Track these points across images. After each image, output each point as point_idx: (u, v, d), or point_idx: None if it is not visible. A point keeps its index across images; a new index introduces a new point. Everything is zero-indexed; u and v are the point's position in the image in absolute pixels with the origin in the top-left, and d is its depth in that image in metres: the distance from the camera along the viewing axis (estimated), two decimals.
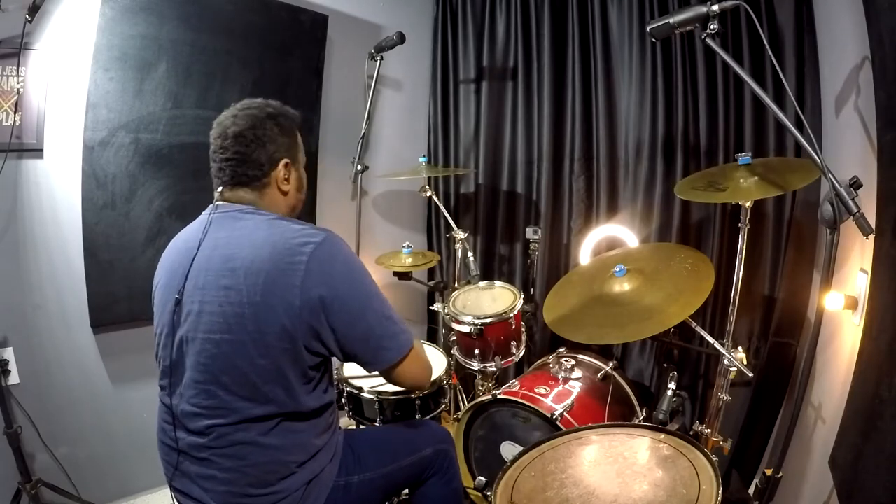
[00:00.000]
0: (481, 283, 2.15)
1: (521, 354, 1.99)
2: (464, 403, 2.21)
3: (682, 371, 2.12)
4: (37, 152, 1.72)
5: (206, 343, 1.03)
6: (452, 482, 1.37)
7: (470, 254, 2.10)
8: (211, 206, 1.13)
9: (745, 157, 1.47)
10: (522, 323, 2.02)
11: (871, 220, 1.08)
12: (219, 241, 1.06)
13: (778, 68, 1.22)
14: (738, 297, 1.54)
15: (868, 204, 1.15)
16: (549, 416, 1.55)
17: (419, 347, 1.19)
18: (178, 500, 1.12)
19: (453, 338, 2.00)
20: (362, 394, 1.70)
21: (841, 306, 1.29)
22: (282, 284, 1.00)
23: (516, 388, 1.70)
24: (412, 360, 1.14)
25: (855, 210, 0.95)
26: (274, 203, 1.15)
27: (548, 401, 1.64)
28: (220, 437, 1.04)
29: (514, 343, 1.95)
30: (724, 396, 1.56)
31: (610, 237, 2.18)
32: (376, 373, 1.15)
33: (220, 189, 1.13)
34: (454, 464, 1.39)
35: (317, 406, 1.10)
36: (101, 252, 1.81)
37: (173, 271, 1.10)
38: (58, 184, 1.77)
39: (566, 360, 1.83)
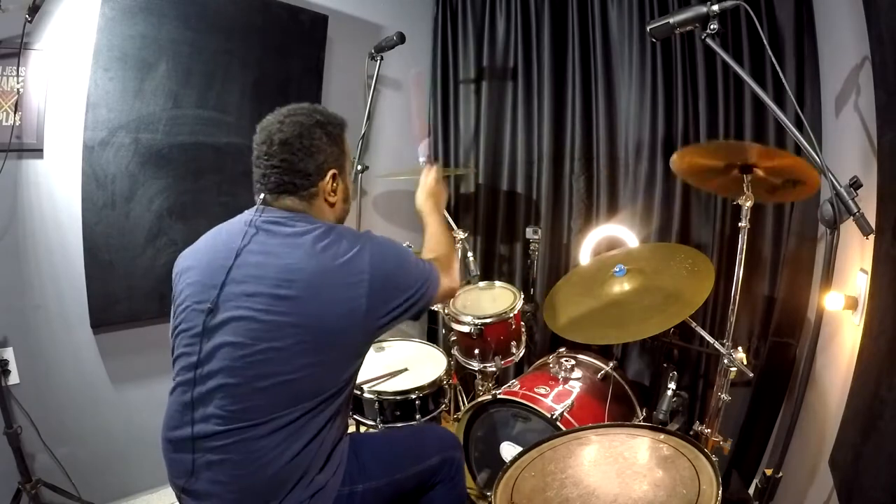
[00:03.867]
0: (481, 283, 2.15)
1: (521, 354, 1.99)
2: (464, 403, 2.21)
3: (682, 371, 2.12)
4: (37, 152, 1.72)
5: (245, 348, 1.00)
6: (457, 489, 1.36)
7: (470, 254, 2.09)
8: (254, 209, 1.10)
9: None
10: (522, 323, 2.02)
11: (871, 220, 1.07)
12: (270, 248, 1.04)
13: (778, 68, 1.22)
14: (738, 297, 1.53)
15: (868, 204, 1.15)
16: (549, 416, 1.55)
17: (447, 257, 1.30)
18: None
19: (453, 338, 2.00)
20: (363, 394, 1.69)
21: (841, 306, 1.29)
22: (345, 297, 1.02)
23: (516, 388, 1.70)
24: (444, 279, 1.22)
25: (855, 210, 0.95)
26: (321, 214, 1.13)
27: (548, 401, 1.64)
28: (237, 442, 1.01)
29: (514, 343, 1.95)
30: (724, 396, 1.55)
31: (610, 237, 2.18)
32: (376, 373, 1.15)
33: (262, 195, 1.11)
34: (461, 470, 1.37)
35: (333, 413, 1.08)
36: (101, 252, 1.81)
37: (211, 270, 1.05)
38: (58, 184, 1.77)
39: (566, 360, 1.83)
